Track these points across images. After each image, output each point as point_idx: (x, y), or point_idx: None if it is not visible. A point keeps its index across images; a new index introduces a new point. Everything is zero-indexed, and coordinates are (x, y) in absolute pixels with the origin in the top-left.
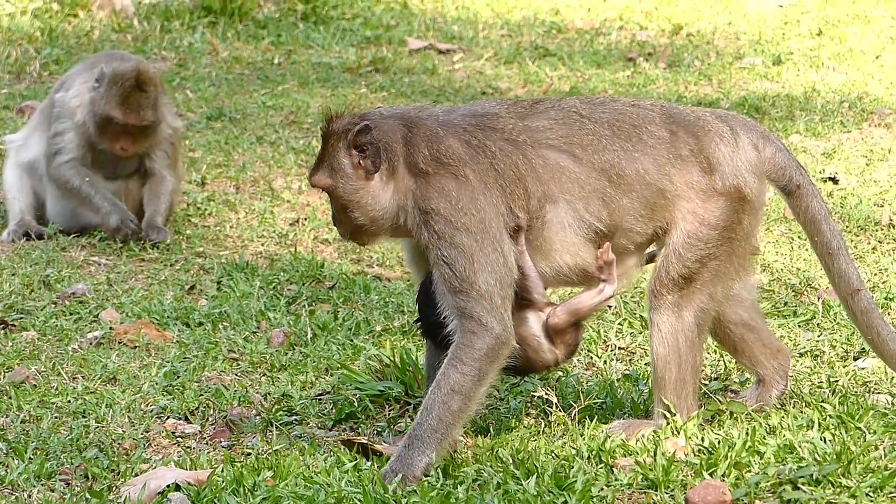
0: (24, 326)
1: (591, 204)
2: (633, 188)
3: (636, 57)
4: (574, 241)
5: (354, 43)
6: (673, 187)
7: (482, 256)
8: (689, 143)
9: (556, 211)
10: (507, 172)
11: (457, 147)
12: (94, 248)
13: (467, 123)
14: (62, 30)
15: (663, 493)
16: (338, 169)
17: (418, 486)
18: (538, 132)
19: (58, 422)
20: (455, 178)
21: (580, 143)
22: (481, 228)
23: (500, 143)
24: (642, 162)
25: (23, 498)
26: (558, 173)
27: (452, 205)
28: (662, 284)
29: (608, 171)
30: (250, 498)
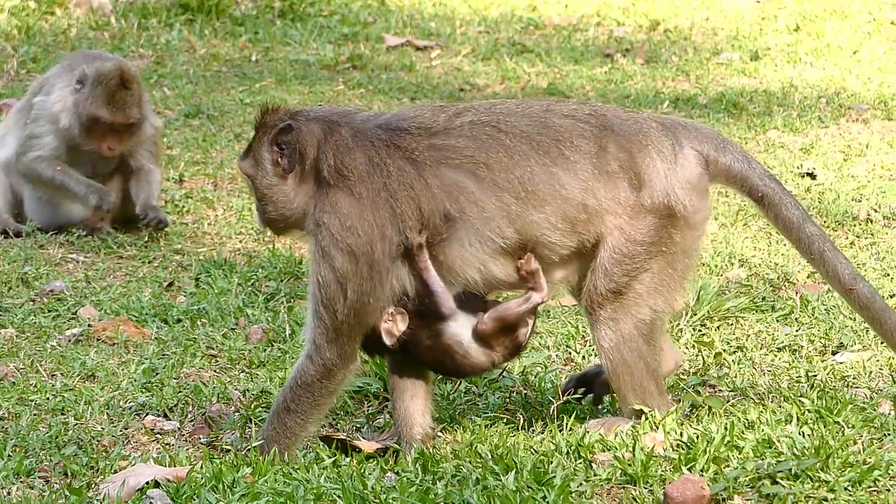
0: (2, 324)
1: (492, 222)
2: (546, 203)
3: (614, 53)
4: (479, 258)
5: (332, 40)
6: (597, 202)
7: (352, 284)
8: (620, 158)
9: (455, 229)
10: (399, 193)
11: (360, 162)
12: (72, 245)
13: (377, 137)
14: (39, 28)
15: (642, 488)
16: (259, 161)
17: (397, 482)
18: (442, 150)
19: (37, 419)
20: (350, 194)
21: (486, 161)
22: (362, 251)
23: (399, 161)
24: (560, 177)
25: (2, 495)
26: (455, 193)
27: (341, 222)
28: (593, 300)
29: (516, 188)
30: (229, 494)
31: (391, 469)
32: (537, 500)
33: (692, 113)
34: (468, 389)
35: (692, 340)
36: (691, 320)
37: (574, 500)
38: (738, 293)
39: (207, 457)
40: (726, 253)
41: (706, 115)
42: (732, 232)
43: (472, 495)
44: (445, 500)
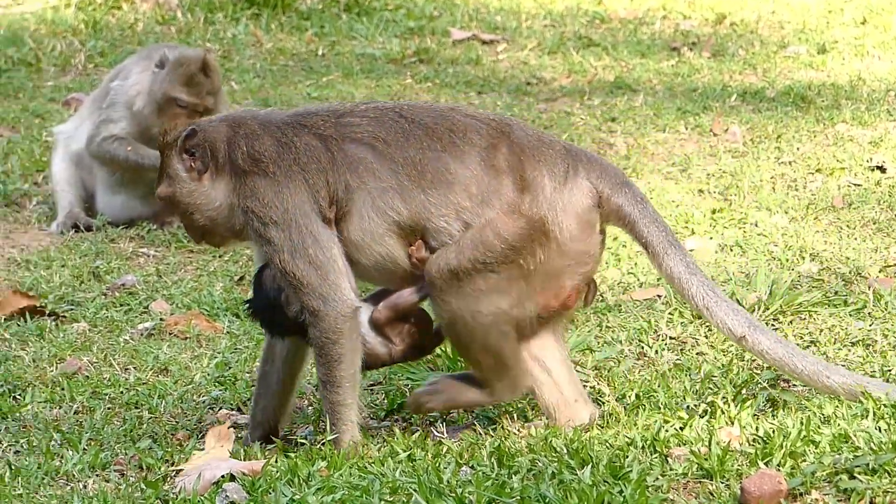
0: (74, 318)
1: (387, 194)
2: (434, 186)
3: (680, 46)
4: (378, 232)
5: (398, 34)
6: (479, 192)
7: (290, 245)
8: (509, 160)
9: (355, 201)
10: (309, 166)
11: (269, 145)
12: (142, 239)
13: (283, 122)
14: (106, 22)
15: (719, 483)
16: (174, 176)
17: (473, 476)
18: (346, 127)
19: (111, 412)
20: (265, 175)
21: (385, 138)
22: (285, 219)
23: (306, 138)
24: (448, 162)
25: (78, 488)
26: (356, 164)
27: (261, 202)
28: (434, 272)
29: (408, 166)
30: (305, 488)
31: (466, 463)
32: (614, 494)
33: (760, 106)
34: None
35: None
36: (764, 314)
37: (650, 494)
38: (811, 287)
39: (282, 450)
40: (797, 247)
41: (774, 108)
42: (803, 226)
43: (549, 489)
44: (521, 494)
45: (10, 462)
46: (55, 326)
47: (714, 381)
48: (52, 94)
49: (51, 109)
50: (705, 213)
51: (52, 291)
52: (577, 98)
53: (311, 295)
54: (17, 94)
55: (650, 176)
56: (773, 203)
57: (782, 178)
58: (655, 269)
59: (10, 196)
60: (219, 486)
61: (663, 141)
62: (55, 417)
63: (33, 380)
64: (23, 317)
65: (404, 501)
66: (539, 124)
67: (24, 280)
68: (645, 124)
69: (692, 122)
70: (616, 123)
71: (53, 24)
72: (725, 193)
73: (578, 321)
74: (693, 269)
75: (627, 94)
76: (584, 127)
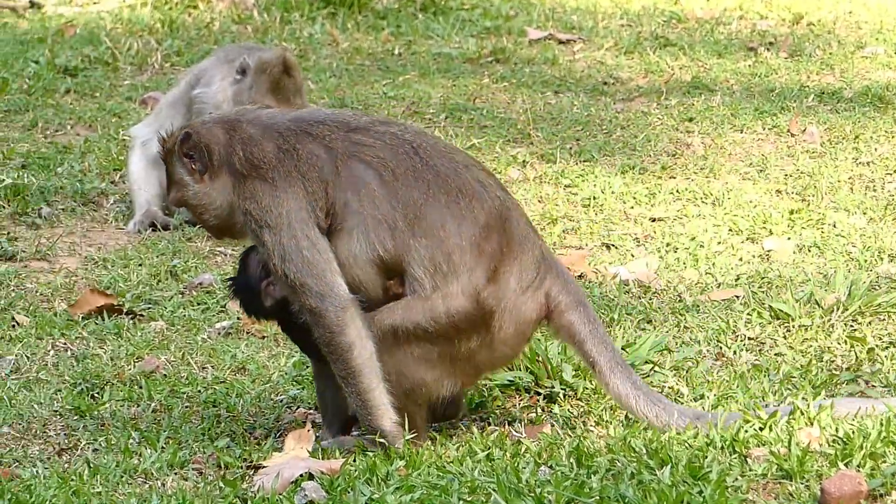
0: (152, 316)
1: (380, 227)
2: (424, 235)
3: (757, 46)
4: (362, 258)
5: (474, 33)
6: (457, 262)
7: (286, 248)
8: (495, 248)
9: (349, 221)
10: (310, 174)
11: (269, 151)
12: None
13: (286, 128)
14: (182, 21)
15: (798, 483)
16: (179, 181)
17: (552, 476)
18: (357, 145)
19: (189, 411)
20: (264, 180)
21: (394, 169)
22: (280, 222)
23: (311, 146)
24: (445, 220)
25: (157, 487)
26: (360, 186)
27: (259, 205)
28: (380, 321)
29: (408, 206)
30: (383, 487)
31: (545, 463)
32: (693, 494)
33: (837, 107)
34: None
35: (844, 336)
36: (843, 315)
37: (730, 495)
38: (890, 289)
39: (361, 449)
40: (875, 248)
41: (851, 108)
42: (881, 227)
43: (628, 489)
44: (601, 495)
45: (88, 460)
46: (133, 325)
47: (793, 381)
48: (128, 93)
49: (127, 108)
50: (783, 213)
51: (129, 290)
52: (654, 98)
53: (308, 294)
54: (93, 93)
55: (727, 176)
56: (851, 204)
57: (860, 178)
58: (602, 388)
59: (88, 195)
60: (297, 484)
61: (741, 141)
62: (133, 416)
63: (111, 378)
64: (101, 315)
65: (483, 501)
66: (616, 124)
67: (101, 278)
68: (722, 124)
69: (769, 123)
70: (693, 123)
71: (130, 24)
72: (803, 194)
73: (657, 322)
74: (639, 386)
75: (704, 94)
76: (661, 127)
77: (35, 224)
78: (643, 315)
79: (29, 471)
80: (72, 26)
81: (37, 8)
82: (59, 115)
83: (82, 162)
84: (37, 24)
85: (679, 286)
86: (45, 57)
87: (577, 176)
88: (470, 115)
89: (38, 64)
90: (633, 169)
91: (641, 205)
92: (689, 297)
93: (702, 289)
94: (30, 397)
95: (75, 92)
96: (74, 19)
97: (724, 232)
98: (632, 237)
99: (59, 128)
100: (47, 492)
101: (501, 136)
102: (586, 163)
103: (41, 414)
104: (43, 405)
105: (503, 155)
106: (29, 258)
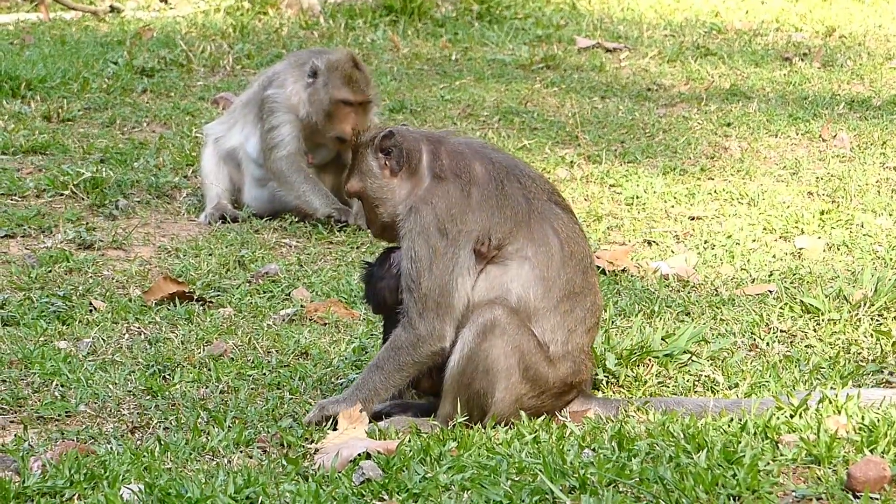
0: (221, 303)
1: (539, 283)
2: (563, 316)
3: (792, 57)
4: (488, 297)
5: (527, 41)
6: (569, 351)
7: (441, 262)
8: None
9: (512, 264)
10: (504, 210)
11: (477, 169)
12: (285, 231)
13: (497, 161)
14: (252, 26)
15: (826, 468)
16: (367, 172)
17: (595, 458)
18: (552, 213)
19: (254, 393)
20: (461, 189)
21: (573, 250)
22: (455, 239)
23: (513, 189)
24: (579, 325)
25: (223, 463)
26: (541, 243)
27: (446, 208)
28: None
29: (570, 284)
30: (436, 467)
31: (588, 446)
32: (727, 477)
33: (866, 114)
34: (658, 372)
35: (870, 330)
36: (870, 310)
37: (762, 478)
38: None
39: (415, 430)
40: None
41: (880, 116)
42: None
43: (666, 472)
44: (640, 476)
45: (159, 438)
46: (202, 311)
47: (822, 372)
48: (201, 94)
49: (200, 107)
50: (814, 213)
51: (199, 278)
52: (695, 104)
53: (419, 306)
54: (169, 93)
55: (762, 178)
56: (878, 205)
57: (887, 182)
58: None
59: (162, 188)
60: (355, 463)
61: (775, 145)
62: (202, 396)
63: (182, 361)
64: (172, 302)
65: (530, 481)
66: (658, 128)
67: (173, 267)
68: (758, 129)
69: (803, 129)
70: (731, 128)
71: (203, 28)
72: (833, 196)
73: (695, 314)
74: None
75: (742, 100)
76: (701, 131)
77: (112, 215)
78: (682, 308)
79: (104, 447)
80: (149, 30)
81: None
82: (135, 113)
83: (157, 157)
84: (116, 28)
85: (716, 281)
86: (124, 58)
87: (621, 176)
88: (522, 118)
89: (116, 65)
90: (674, 170)
91: (681, 204)
92: (725, 291)
93: (737, 284)
94: (105, 378)
95: (151, 91)
96: (151, 23)
97: (758, 230)
98: (672, 234)
99: (136, 125)
100: (121, 467)
101: (551, 138)
102: (630, 164)
103: (116, 394)
104: (117, 385)
105: (552, 156)
106: (106, 247)
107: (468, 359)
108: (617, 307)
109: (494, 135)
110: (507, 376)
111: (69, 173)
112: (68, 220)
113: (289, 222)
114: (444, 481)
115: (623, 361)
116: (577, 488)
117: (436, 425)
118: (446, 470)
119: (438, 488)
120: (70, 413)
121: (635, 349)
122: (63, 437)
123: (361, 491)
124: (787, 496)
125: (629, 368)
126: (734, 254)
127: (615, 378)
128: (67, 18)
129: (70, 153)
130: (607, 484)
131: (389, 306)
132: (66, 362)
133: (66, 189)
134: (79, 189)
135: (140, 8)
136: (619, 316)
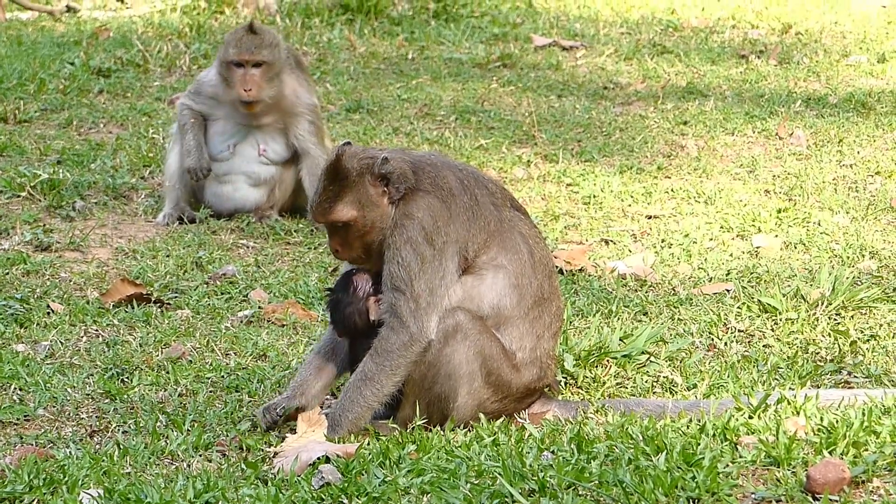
0: (178, 305)
1: (513, 291)
2: (532, 323)
3: (748, 54)
4: (477, 298)
5: (483, 40)
6: (536, 358)
7: (429, 267)
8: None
9: (487, 274)
10: (478, 221)
11: (451, 179)
12: (242, 231)
13: (464, 170)
14: (209, 26)
15: (785, 470)
16: (366, 202)
17: (554, 461)
18: (517, 219)
19: (213, 396)
20: (442, 201)
21: (541, 256)
22: (441, 248)
23: (485, 197)
24: (546, 331)
25: (182, 468)
26: (514, 251)
27: (432, 219)
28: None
29: (540, 291)
30: (396, 470)
31: (548, 448)
32: (687, 480)
33: (823, 112)
34: (617, 373)
35: (828, 329)
36: (827, 310)
37: (721, 480)
38: (871, 284)
39: (374, 434)
40: (857, 245)
41: (836, 113)
42: (863, 225)
43: (626, 475)
44: (600, 479)
45: (118, 442)
46: (160, 313)
47: (780, 372)
48: (158, 94)
49: (157, 108)
50: (771, 212)
51: (157, 280)
52: (651, 102)
53: (409, 306)
54: (125, 94)
55: (719, 177)
56: (835, 203)
57: (844, 179)
58: None
59: (119, 189)
60: (315, 467)
61: (732, 143)
62: (161, 400)
63: (140, 363)
64: (130, 304)
65: (489, 484)
66: (615, 127)
67: (131, 269)
68: (715, 127)
69: (759, 126)
70: (687, 126)
71: (160, 28)
72: (790, 194)
73: (652, 314)
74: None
75: (698, 98)
76: (658, 130)
77: (69, 217)
78: (640, 307)
79: (62, 451)
80: (105, 30)
81: (73, 12)
82: (92, 114)
83: (114, 158)
84: (73, 28)
85: (673, 280)
86: (80, 59)
87: (578, 175)
88: (478, 117)
89: (73, 65)
90: (631, 169)
91: (638, 203)
92: (683, 290)
93: (694, 283)
94: (64, 381)
95: (108, 92)
96: (108, 23)
97: (715, 229)
98: (629, 233)
99: (93, 126)
100: (79, 472)
101: (507, 137)
102: (587, 163)
103: (74, 397)
104: (76, 389)
105: (509, 155)
106: (63, 249)
107: (430, 363)
108: (574, 307)
109: (451, 134)
110: (469, 381)
111: (26, 175)
112: (25, 221)
113: (246, 223)
114: (403, 485)
115: (581, 362)
116: (537, 491)
117: (395, 428)
118: (406, 473)
119: (398, 492)
120: (29, 417)
121: (593, 350)
122: (22, 442)
123: (321, 495)
124: (746, 498)
125: (587, 369)
126: (691, 253)
127: (573, 379)
128: (24, 19)
129: (27, 154)
130: (566, 487)
131: (361, 329)
132: (25, 365)
133: (23, 191)
134: (36, 191)
135: (96, 8)
136: (576, 316)
